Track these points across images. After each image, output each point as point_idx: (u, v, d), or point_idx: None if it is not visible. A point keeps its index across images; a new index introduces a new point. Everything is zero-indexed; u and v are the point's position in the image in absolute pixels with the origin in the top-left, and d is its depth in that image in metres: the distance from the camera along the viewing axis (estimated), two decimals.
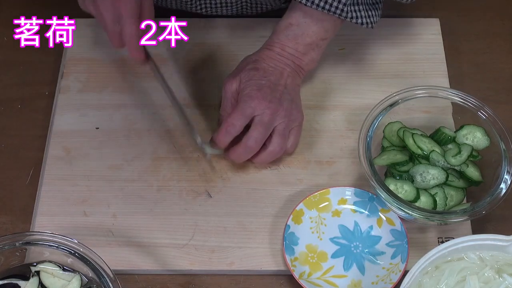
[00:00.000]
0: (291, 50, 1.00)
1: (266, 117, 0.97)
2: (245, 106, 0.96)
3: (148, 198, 1.01)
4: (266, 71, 0.99)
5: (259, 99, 0.96)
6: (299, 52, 1.00)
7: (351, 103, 1.08)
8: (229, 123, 0.97)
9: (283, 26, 1.01)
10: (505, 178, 0.93)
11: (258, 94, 0.97)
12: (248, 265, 0.96)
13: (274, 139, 0.99)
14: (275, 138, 0.99)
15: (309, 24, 0.99)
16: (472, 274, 0.87)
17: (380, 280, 0.94)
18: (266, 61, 1.00)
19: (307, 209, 0.99)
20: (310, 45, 1.00)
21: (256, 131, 0.97)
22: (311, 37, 1.00)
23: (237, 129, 0.97)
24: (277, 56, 1.00)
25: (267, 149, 0.99)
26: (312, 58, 1.02)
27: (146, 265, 0.96)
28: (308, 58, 1.01)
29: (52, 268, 0.89)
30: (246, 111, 0.96)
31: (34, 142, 1.07)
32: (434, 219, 0.92)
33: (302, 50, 1.00)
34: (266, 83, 0.98)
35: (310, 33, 1.00)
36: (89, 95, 1.10)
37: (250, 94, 0.97)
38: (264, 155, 0.99)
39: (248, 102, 0.96)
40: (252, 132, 0.97)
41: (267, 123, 0.97)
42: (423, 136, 0.99)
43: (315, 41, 1.00)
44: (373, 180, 0.94)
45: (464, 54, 1.15)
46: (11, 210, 1.02)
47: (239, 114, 0.97)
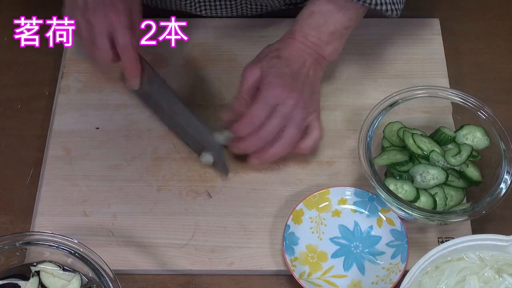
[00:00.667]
0: (314, 39, 0.97)
1: (287, 107, 0.94)
2: (268, 95, 0.94)
3: (148, 198, 1.01)
4: (289, 59, 0.97)
5: (282, 87, 0.94)
6: (322, 41, 0.98)
7: (351, 103, 1.08)
8: (253, 114, 0.94)
9: (305, 15, 0.98)
10: (505, 178, 0.93)
11: (281, 82, 0.94)
12: (248, 265, 0.96)
13: (290, 130, 0.96)
14: (290, 129, 0.96)
15: (332, 12, 0.97)
16: (472, 274, 0.87)
17: (380, 280, 0.94)
18: (289, 49, 0.97)
19: (307, 209, 0.99)
20: (333, 34, 0.98)
21: (275, 121, 0.94)
22: (335, 26, 0.97)
23: (260, 119, 0.95)
24: (300, 45, 0.98)
25: (281, 140, 0.96)
26: (335, 48, 0.99)
27: (146, 265, 0.96)
28: (331, 48, 0.99)
29: (52, 268, 0.89)
30: (269, 101, 0.94)
31: (34, 142, 1.07)
32: (434, 219, 0.92)
33: (325, 39, 0.98)
34: (288, 71, 0.95)
35: (333, 21, 0.97)
36: (89, 95, 1.10)
37: (273, 82, 0.94)
38: (274, 150, 0.97)
39: (271, 91, 0.94)
40: (272, 121, 0.94)
41: (288, 113, 0.95)
42: (423, 136, 0.99)
43: (339, 29, 0.98)
44: (373, 180, 0.94)
45: (464, 54, 1.15)
46: (11, 210, 1.02)
47: (263, 104, 0.94)
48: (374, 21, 1.14)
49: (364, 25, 1.13)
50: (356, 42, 1.13)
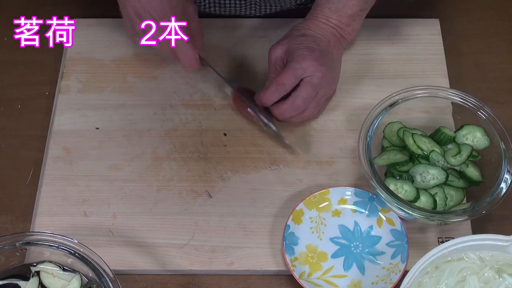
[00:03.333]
0: (335, 22, 1.02)
1: (316, 79, 0.97)
2: (297, 66, 0.97)
3: (148, 198, 1.01)
4: (315, 37, 1.00)
5: (311, 60, 0.97)
6: (342, 23, 1.02)
7: (351, 103, 1.08)
8: (279, 82, 0.97)
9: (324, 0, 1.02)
10: (505, 178, 0.93)
11: (311, 56, 0.97)
12: (248, 265, 0.96)
13: (312, 104, 1.00)
14: (312, 103, 1.00)
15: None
16: (472, 274, 0.87)
17: (380, 280, 0.94)
18: (313, 29, 1.01)
19: (307, 209, 0.99)
20: (352, 17, 1.02)
21: (306, 90, 0.98)
22: (352, 9, 1.01)
23: (286, 88, 0.97)
24: (323, 25, 1.02)
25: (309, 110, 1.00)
26: (354, 28, 1.03)
27: (146, 265, 0.96)
28: (351, 28, 1.03)
29: (52, 268, 0.89)
30: (297, 71, 0.97)
31: (34, 142, 1.07)
32: (434, 219, 0.92)
33: (345, 21, 1.02)
34: (316, 47, 0.99)
35: (351, 5, 1.01)
36: (89, 95, 1.10)
37: (302, 54, 0.97)
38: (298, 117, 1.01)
39: (300, 63, 0.97)
40: (302, 91, 0.98)
41: (316, 85, 0.98)
42: (423, 136, 0.99)
43: (356, 12, 1.02)
44: (373, 180, 0.94)
45: (464, 54, 1.15)
46: (11, 210, 1.02)
47: (290, 74, 0.97)
48: (374, 21, 1.14)
49: (364, 25, 1.13)
50: (356, 42, 1.13)
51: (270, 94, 0.98)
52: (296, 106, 0.98)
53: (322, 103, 1.03)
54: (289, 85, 0.98)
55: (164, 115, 1.07)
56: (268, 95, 0.98)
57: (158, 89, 1.10)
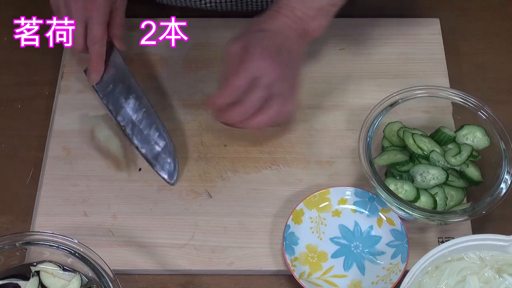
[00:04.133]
0: (300, 14, 0.97)
1: (269, 79, 0.93)
2: (251, 66, 0.93)
3: (148, 198, 1.01)
4: (273, 33, 0.96)
5: (264, 59, 0.93)
6: (308, 16, 0.97)
7: (351, 103, 1.08)
8: (234, 84, 0.93)
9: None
10: (505, 178, 0.93)
11: (264, 54, 0.93)
12: (248, 265, 0.96)
13: (274, 103, 0.95)
14: (274, 101, 0.95)
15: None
16: (472, 274, 0.87)
17: (380, 280, 0.94)
18: (273, 23, 0.97)
19: (307, 209, 0.99)
20: (319, 10, 0.97)
21: (259, 92, 0.93)
22: (321, 2, 0.97)
23: (241, 90, 0.93)
24: (285, 19, 0.97)
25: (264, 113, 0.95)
26: (320, 24, 0.98)
27: (146, 265, 0.96)
28: (316, 23, 0.98)
29: (52, 268, 0.89)
30: (251, 72, 0.93)
31: (34, 142, 1.07)
32: (434, 219, 0.92)
33: (312, 14, 0.97)
34: (272, 44, 0.95)
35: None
36: (89, 95, 1.10)
37: (256, 53, 0.93)
38: (260, 119, 0.95)
39: (253, 62, 0.93)
40: (255, 92, 0.93)
41: (269, 85, 0.94)
42: (423, 136, 0.99)
43: (325, 6, 0.97)
44: (373, 180, 0.94)
45: (464, 54, 1.15)
46: (11, 210, 1.02)
47: (244, 75, 0.93)
48: (374, 21, 1.14)
49: (364, 25, 1.14)
50: (356, 42, 1.13)
51: (224, 97, 0.94)
52: (248, 109, 0.94)
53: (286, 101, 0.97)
54: (244, 86, 0.93)
55: (164, 115, 1.07)
56: (222, 98, 0.95)
57: (158, 89, 1.10)
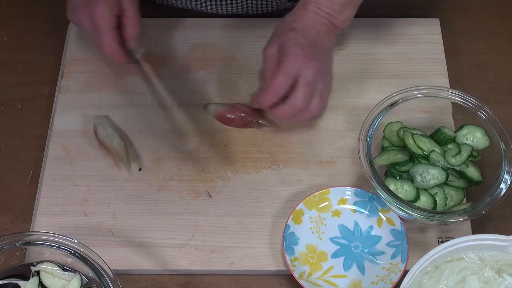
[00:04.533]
0: (327, 9, 0.99)
1: (310, 76, 0.96)
2: (290, 66, 0.96)
3: (148, 198, 1.01)
4: (304, 30, 0.98)
5: (302, 57, 0.96)
6: (335, 11, 0.99)
7: (351, 103, 1.08)
8: (275, 84, 0.96)
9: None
10: (505, 178, 0.93)
11: (301, 53, 0.96)
12: (248, 265, 0.96)
13: (315, 100, 0.98)
14: (316, 98, 0.98)
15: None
16: (472, 274, 0.87)
17: (380, 280, 0.94)
18: (303, 20, 0.99)
19: (307, 209, 0.99)
20: (345, 4, 0.99)
21: (303, 91, 0.96)
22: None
23: (284, 89, 0.96)
24: (313, 15, 0.99)
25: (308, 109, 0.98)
26: (347, 16, 1.01)
27: (146, 265, 0.96)
28: (343, 16, 1.00)
29: (52, 268, 0.89)
30: (291, 71, 0.96)
31: (34, 142, 1.07)
32: (434, 219, 0.92)
33: (338, 8, 0.99)
34: (306, 41, 0.97)
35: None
36: (89, 95, 1.10)
37: (293, 53, 0.96)
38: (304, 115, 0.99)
39: (292, 62, 0.96)
40: (300, 92, 0.96)
41: (311, 82, 0.97)
42: (423, 136, 0.99)
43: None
44: (373, 180, 0.94)
45: (464, 54, 1.15)
46: (11, 210, 1.02)
47: (284, 74, 0.96)
48: (374, 21, 1.14)
49: (364, 25, 1.14)
50: (356, 42, 1.13)
51: (269, 97, 0.97)
52: (297, 108, 0.97)
53: (325, 95, 1.01)
54: (286, 86, 0.96)
55: (164, 115, 1.07)
56: (267, 98, 0.97)
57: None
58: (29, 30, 1.17)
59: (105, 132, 1.03)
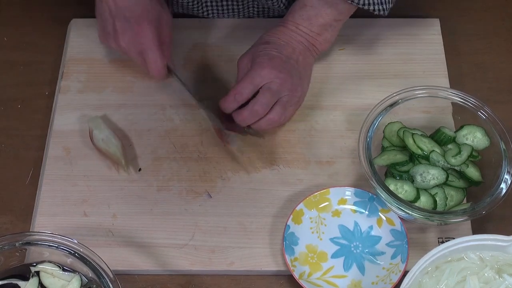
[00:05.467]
0: (305, 29, 1.01)
1: (274, 85, 0.97)
2: (255, 75, 0.97)
3: (148, 198, 1.01)
4: (279, 45, 1.00)
5: (269, 68, 0.97)
6: (313, 32, 1.01)
7: (351, 103, 1.08)
8: (237, 91, 0.98)
9: (297, 7, 1.02)
10: (505, 178, 0.93)
11: (268, 63, 0.98)
12: (248, 265, 0.96)
13: (276, 108, 0.99)
14: (277, 107, 0.99)
15: (323, 6, 1.00)
16: (472, 274, 0.87)
17: (380, 280, 0.94)
18: (279, 35, 1.01)
19: (307, 209, 0.99)
20: (323, 26, 1.01)
21: (264, 97, 0.97)
22: (325, 18, 1.01)
23: (244, 97, 0.98)
24: (291, 33, 1.02)
25: (266, 116, 0.99)
26: (326, 38, 1.03)
27: (146, 265, 0.96)
28: (322, 38, 1.02)
29: (52, 268, 0.89)
30: (255, 80, 0.97)
31: (34, 142, 1.07)
32: (434, 219, 0.92)
33: (316, 30, 1.01)
34: (277, 55, 0.99)
35: (324, 15, 1.01)
36: (89, 95, 1.10)
37: (261, 63, 0.98)
38: (263, 122, 1.00)
39: (258, 71, 0.97)
40: (260, 97, 0.97)
41: (275, 91, 0.98)
42: (423, 136, 0.99)
43: (329, 22, 1.01)
44: (373, 180, 0.94)
45: (464, 54, 1.15)
46: (11, 210, 1.02)
47: (248, 82, 0.97)
48: (374, 21, 1.14)
49: (364, 25, 1.14)
50: (356, 42, 1.13)
51: (229, 103, 0.99)
52: (255, 111, 0.98)
53: (289, 109, 1.01)
54: (247, 93, 0.98)
55: (164, 115, 1.07)
56: (228, 104, 0.99)
57: (158, 89, 1.10)
58: (29, 30, 1.17)
59: (101, 135, 1.03)
